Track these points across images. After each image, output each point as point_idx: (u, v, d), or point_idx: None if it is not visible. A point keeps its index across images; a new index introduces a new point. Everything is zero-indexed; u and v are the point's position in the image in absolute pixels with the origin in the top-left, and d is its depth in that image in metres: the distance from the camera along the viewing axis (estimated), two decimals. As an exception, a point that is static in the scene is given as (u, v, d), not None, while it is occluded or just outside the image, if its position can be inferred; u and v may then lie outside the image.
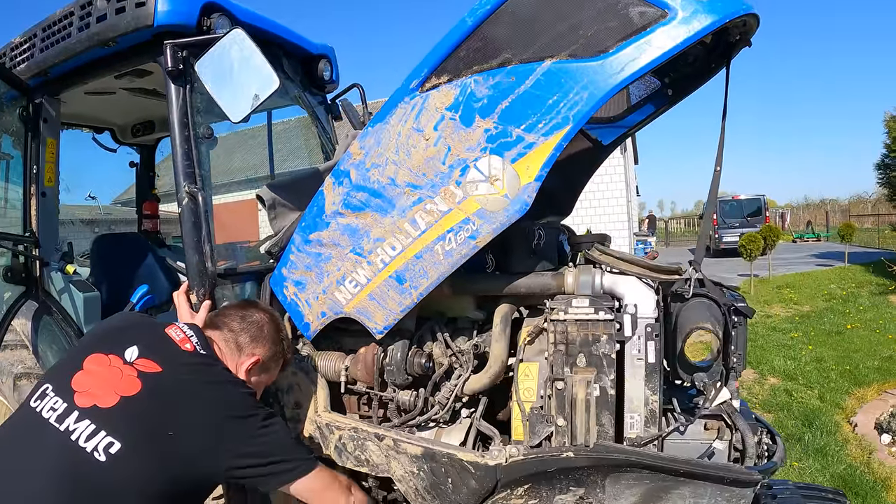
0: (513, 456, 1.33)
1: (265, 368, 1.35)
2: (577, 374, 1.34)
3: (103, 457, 1.03)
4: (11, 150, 2.04)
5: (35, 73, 1.84)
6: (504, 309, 1.47)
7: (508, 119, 1.27)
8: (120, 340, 1.19)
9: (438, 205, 1.31)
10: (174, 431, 1.09)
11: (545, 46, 1.25)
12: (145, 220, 2.63)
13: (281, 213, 1.63)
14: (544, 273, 1.45)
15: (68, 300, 1.85)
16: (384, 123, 1.39)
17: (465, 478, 1.35)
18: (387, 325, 1.40)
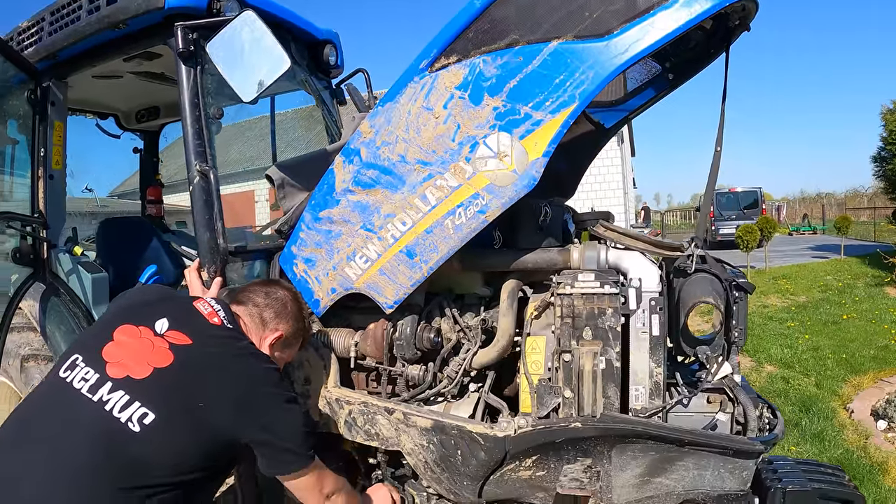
0: (521, 427, 1.37)
1: (287, 344, 1.38)
2: (584, 346, 1.38)
3: (137, 427, 1.06)
4: (17, 135, 2.06)
5: (43, 56, 1.85)
6: (511, 284, 1.50)
7: (516, 97, 1.30)
8: (149, 312, 1.21)
9: (448, 180, 1.35)
10: (204, 403, 1.12)
11: (552, 27, 1.29)
12: (149, 205, 2.65)
13: (289, 193, 1.66)
14: (551, 249, 1.49)
15: (76, 281, 1.87)
16: (394, 102, 1.42)
17: (475, 449, 1.39)
18: (397, 299, 1.43)
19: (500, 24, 1.33)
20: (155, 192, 2.64)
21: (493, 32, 1.34)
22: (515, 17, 1.33)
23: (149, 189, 2.67)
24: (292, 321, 1.36)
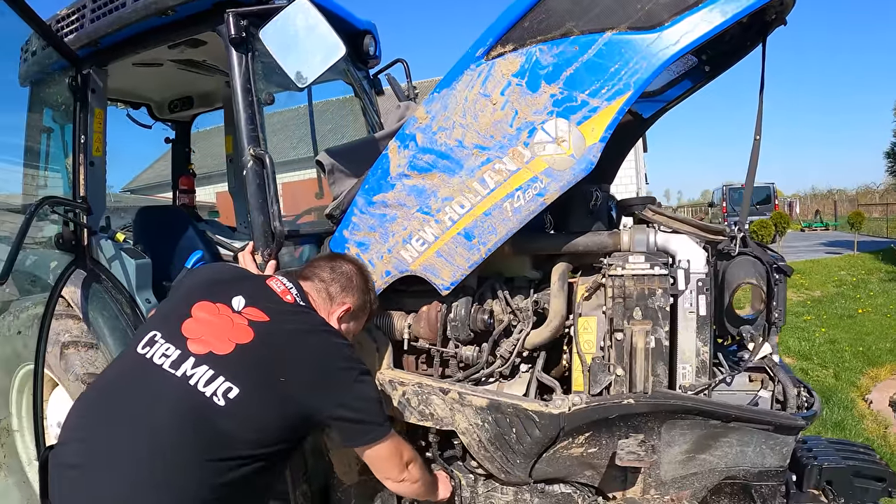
0: (576, 404, 1.48)
1: (355, 317, 1.45)
2: (636, 325, 1.49)
3: (222, 401, 1.11)
4: (57, 122, 2.14)
5: (84, 43, 1.93)
6: (561, 267, 1.61)
7: (573, 85, 1.41)
8: (225, 290, 1.28)
9: (507, 164, 1.45)
10: (285, 378, 1.18)
11: (605, 18, 1.40)
12: (181, 195, 2.73)
13: (339, 179, 1.76)
14: (601, 232, 1.60)
15: (119, 268, 1.96)
16: (450, 89, 1.52)
17: (530, 427, 1.50)
18: (454, 280, 1.53)
19: (555, 15, 1.44)
20: (187, 182, 2.72)
21: (548, 22, 1.44)
22: (569, 7, 1.43)
23: (181, 179, 2.76)
24: (359, 294, 1.43)
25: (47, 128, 2.09)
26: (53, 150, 2.09)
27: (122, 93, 2.53)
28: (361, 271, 1.48)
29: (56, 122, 2.11)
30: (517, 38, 1.46)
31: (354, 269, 1.46)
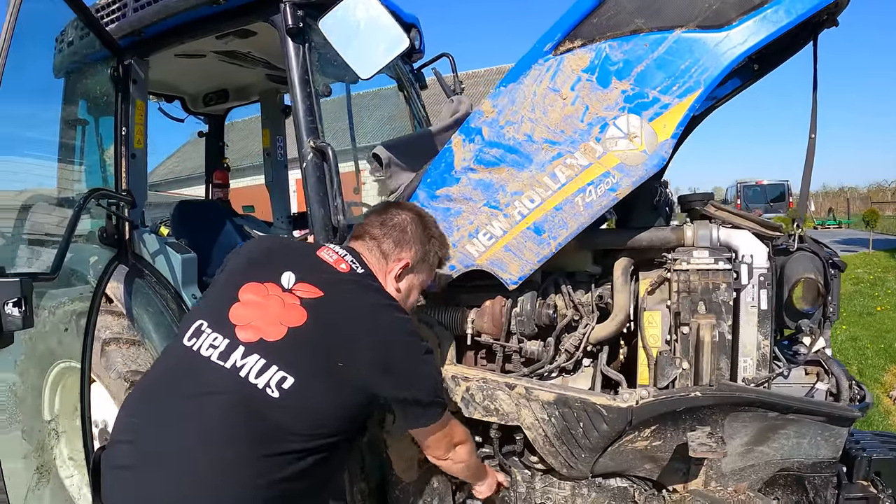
0: (643, 398, 1.56)
1: (417, 269, 1.36)
2: (701, 319, 1.58)
3: (276, 392, 1.05)
4: (87, 116, 2.17)
5: (127, 32, 1.96)
6: (624, 262, 1.69)
7: (644, 81, 1.48)
8: (272, 266, 1.19)
9: (578, 159, 1.52)
10: (343, 362, 1.11)
11: (674, 16, 1.47)
12: (215, 189, 2.78)
13: (395, 173, 1.82)
14: (664, 227, 1.68)
15: (163, 263, 2.00)
16: (517, 83, 1.59)
17: (597, 421, 1.58)
18: (522, 275, 1.61)
19: (624, 12, 1.51)
20: (222, 176, 2.77)
21: (616, 19, 1.51)
22: (638, 5, 1.50)
23: (215, 173, 2.80)
24: (416, 245, 1.33)
25: (82, 120, 2.12)
26: (88, 143, 2.13)
27: (157, 85, 2.56)
28: (419, 218, 1.38)
29: (91, 114, 2.14)
30: (585, 34, 1.53)
31: (409, 218, 1.35)
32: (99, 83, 2.05)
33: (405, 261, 1.33)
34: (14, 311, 1.44)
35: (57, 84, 2.11)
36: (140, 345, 2.01)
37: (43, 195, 1.99)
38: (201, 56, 2.19)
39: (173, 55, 2.11)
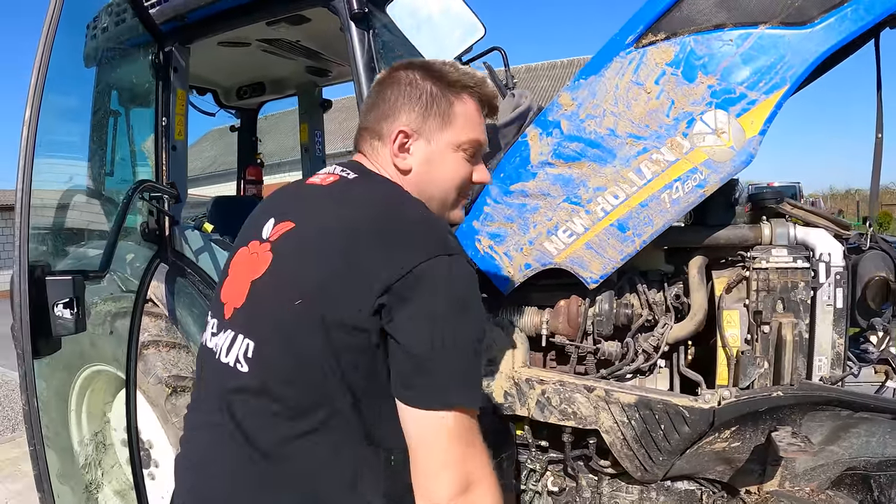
0: (725, 398, 1.54)
1: (423, 133, 0.94)
2: (782, 318, 1.57)
3: (245, 366, 0.84)
4: (119, 107, 2.06)
5: (170, 17, 1.87)
6: (699, 260, 1.67)
7: (730, 77, 1.46)
8: (258, 221, 0.95)
9: (665, 154, 1.50)
10: (301, 296, 0.81)
11: (757, 12, 1.46)
12: (248, 186, 2.67)
13: (461, 168, 1.77)
14: (742, 225, 1.67)
15: (208, 260, 1.90)
16: (598, 76, 1.55)
17: (679, 423, 1.55)
18: (603, 274, 1.57)
19: (707, 6, 1.50)
20: (255, 172, 2.67)
21: (700, 13, 1.50)
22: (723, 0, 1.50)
23: (248, 169, 2.69)
24: (409, 101, 0.93)
25: (115, 111, 2.01)
26: (125, 134, 2.01)
27: (190, 77, 2.45)
28: (411, 68, 0.98)
29: (126, 104, 2.03)
30: (668, 27, 1.51)
31: (402, 75, 0.96)
32: (136, 72, 1.94)
33: (398, 129, 0.93)
34: (65, 312, 1.34)
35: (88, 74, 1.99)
36: (182, 348, 1.92)
37: (77, 189, 1.87)
38: (245, 45, 2.11)
39: (215, 43, 2.02)
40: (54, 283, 1.31)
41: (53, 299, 1.31)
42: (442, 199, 0.99)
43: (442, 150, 0.95)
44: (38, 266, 1.33)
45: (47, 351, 1.34)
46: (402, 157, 0.95)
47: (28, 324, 1.29)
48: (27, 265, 1.30)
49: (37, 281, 1.31)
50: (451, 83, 0.96)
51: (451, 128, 0.95)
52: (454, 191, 1.00)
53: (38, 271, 1.33)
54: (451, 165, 0.97)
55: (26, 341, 1.29)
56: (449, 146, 0.96)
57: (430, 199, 0.97)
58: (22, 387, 1.32)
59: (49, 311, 1.32)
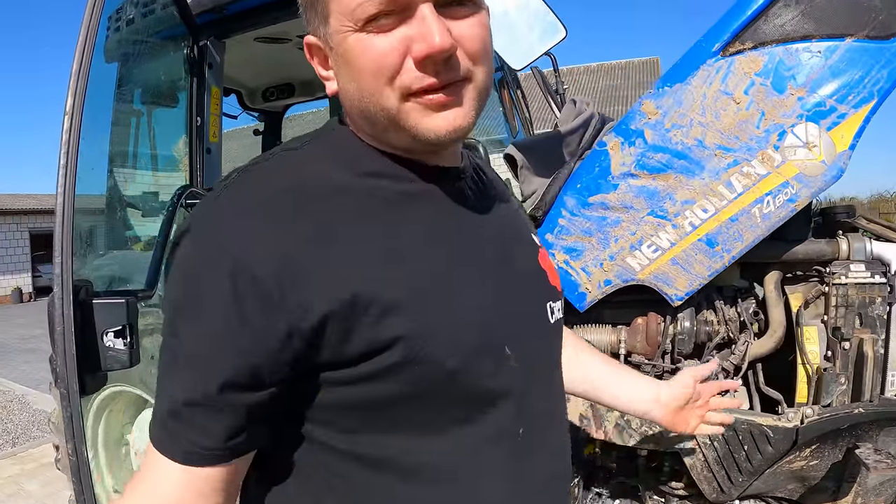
0: (808, 416, 1.51)
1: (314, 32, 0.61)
2: (862, 334, 1.56)
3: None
4: (141, 105, 1.87)
5: (206, 8, 1.72)
6: (775, 276, 1.65)
7: (820, 89, 1.44)
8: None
9: (756, 168, 1.46)
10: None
11: (844, 24, 1.45)
12: None
13: (528, 177, 1.69)
14: (819, 240, 1.65)
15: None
16: (685, 84, 1.50)
17: (762, 443, 1.52)
18: (689, 290, 1.52)
19: (794, 16, 1.47)
20: None
21: (787, 23, 1.48)
22: (807, 9, 1.47)
23: None
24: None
25: (137, 110, 1.83)
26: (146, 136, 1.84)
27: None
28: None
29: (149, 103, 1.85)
30: (755, 37, 1.48)
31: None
32: (165, 68, 1.77)
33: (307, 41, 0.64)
34: (117, 342, 1.18)
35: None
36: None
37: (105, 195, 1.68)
38: (284, 41, 1.96)
39: (251, 39, 1.87)
40: (104, 308, 1.15)
41: (103, 327, 1.15)
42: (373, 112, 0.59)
43: (337, 45, 0.58)
44: (82, 286, 1.17)
45: (93, 388, 1.18)
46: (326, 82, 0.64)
47: (74, 357, 1.12)
48: (71, 286, 1.13)
49: (82, 304, 1.15)
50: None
51: (329, 7, 0.57)
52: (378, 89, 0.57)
53: (83, 293, 1.16)
54: (352, 59, 0.57)
55: (72, 379, 1.13)
56: (338, 35, 0.58)
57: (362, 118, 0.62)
58: (68, 433, 1.15)
59: (97, 342, 1.15)
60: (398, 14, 0.54)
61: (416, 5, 0.54)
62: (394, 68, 0.55)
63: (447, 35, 0.54)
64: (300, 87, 2.47)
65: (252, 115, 2.57)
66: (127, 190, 1.76)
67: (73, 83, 1.16)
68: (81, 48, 1.17)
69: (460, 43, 0.56)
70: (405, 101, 0.57)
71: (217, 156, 1.79)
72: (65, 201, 1.15)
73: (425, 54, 0.54)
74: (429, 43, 0.53)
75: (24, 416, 5.33)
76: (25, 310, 15.70)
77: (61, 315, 1.11)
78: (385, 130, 0.60)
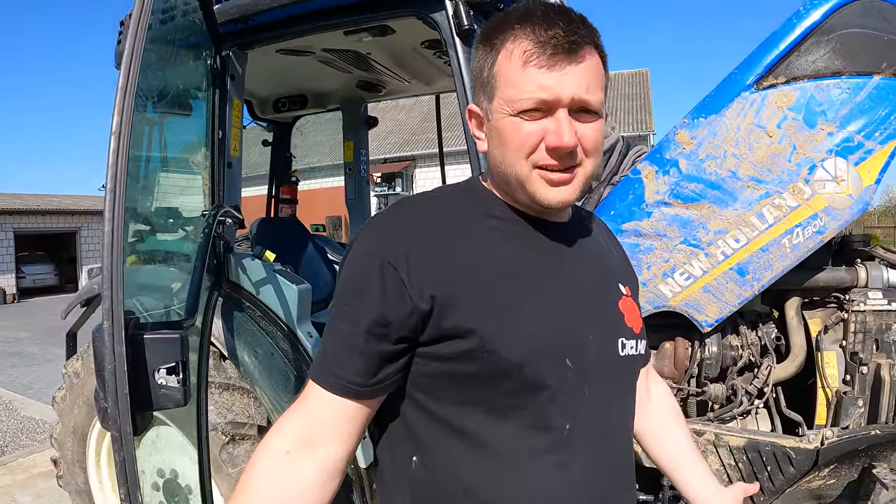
0: (828, 438, 1.62)
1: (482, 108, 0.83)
2: (880, 359, 1.67)
3: None
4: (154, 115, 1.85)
5: (232, 18, 1.71)
6: (796, 302, 1.74)
7: (849, 125, 1.53)
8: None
9: (787, 200, 1.54)
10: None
11: (871, 62, 1.54)
12: (283, 206, 2.48)
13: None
14: (839, 268, 1.75)
15: (271, 294, 1.76)
16: (719, 116, 1.58)
17: (784, 464, 1.61)
18: (719, 318, 1.60)
19: (824, 53, 1.56)
20: (290, 191, 2.48)
21: (818, 59, 1.56)
22: (837, 47, 1.56)
23: (283, 188, 2.50)
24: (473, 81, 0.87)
25: (152, 120, 1.80)
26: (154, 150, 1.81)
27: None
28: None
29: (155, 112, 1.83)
30: (787, 72, 1.56)
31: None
32: (182, 77, 1.75)
33: (468, 110, 0.87)
34: (170, 379, 1.19)
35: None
36: (236, 390, 1.77)
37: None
38: (307, 54, 1.95)
39: (273, 50, 1.86)
40: (156, 343, 1.15)
41: (155, 363, 1.15)
42: (509, 174, 0.80)
43: (495, 121, 0.79)
44: (130, 319, 1.17)
45: (143, 427, 1.18)
46: (478, 141, 0.86)
47: (127, 398, 1.12)
48: (122, 320, 1.13)
49: (132, 339, 1.15)
50: (488, 37, 0.80)
51: (495, 92, 0.78)
52: (517, 160, 0.78)
53: (132, 326, 1.16)
54: (504, 135, 0.78)
55: (125, 420, 1.12)
56: (497, 114, 0.78)
57: (499, 176, 0.83)
58: (120, 479, 1.14)
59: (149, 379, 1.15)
60: (543, 111, 0.76)
61: (556, 109, 0.76)
62: (532, 148, 0.77)
63: (574, 136, 0.75)
64: (313, 99, 2.46)
65: (261, 125, 2.56)
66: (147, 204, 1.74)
67: (120, 101, 1.15)
68: (128, 65, 1.17)
69: (581, 141, 0.77)
70: (533, 170, 0.78)
71: (237, 170, 1.78)
72: (114, 228, 1.13)
73: (555, 146, 0.76)
74: (559, 139, 0.75)
75: (11, 422, 5.12)
76: (9, 312, 15.30)
77: (112, 352, 1.11)
78: (514, 190, 0.82)
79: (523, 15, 0.77)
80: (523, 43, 0.75)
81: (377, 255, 0.76)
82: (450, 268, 0.76)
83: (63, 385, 2.12)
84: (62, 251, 21.17)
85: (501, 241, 0.81)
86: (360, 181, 2.57)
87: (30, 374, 7.39)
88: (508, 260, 0.80)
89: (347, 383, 0.76)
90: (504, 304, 0.76)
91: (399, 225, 0.80)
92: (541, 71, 0.74)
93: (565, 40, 0.74)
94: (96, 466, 2.14)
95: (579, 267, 0.87)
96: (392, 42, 1.84)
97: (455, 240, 0.79)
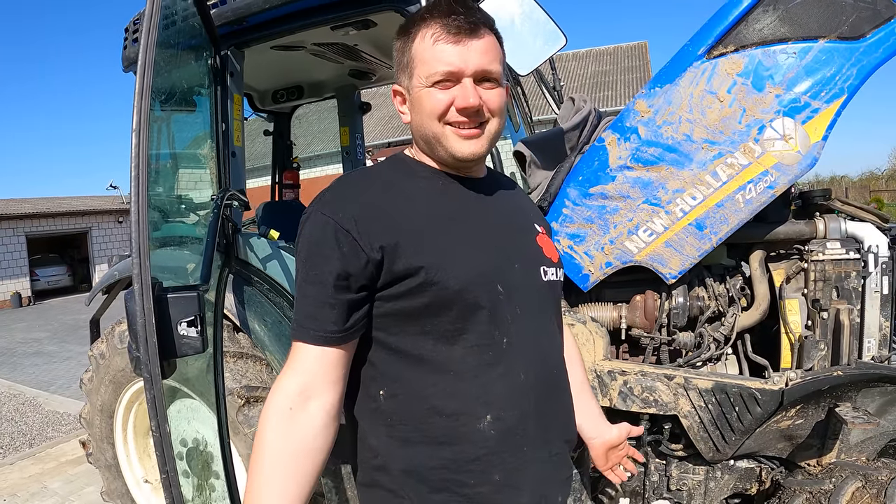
0: (792, 380, 1.85)
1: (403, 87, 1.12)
2: (839, 304, 1.89)
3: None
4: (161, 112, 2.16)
5: (228, 20, 2.00)
6: (760, 254, 1.97)
7: (795, 87, 1.75)
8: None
9: (738, 159, 1.78)
10: None
11: (816, 27, 1.76)
12: (286, 191, 2.79)
13: (534, 171, 2.00)
14: (798, 221, 1.98)
15: (277, 269, 2.06)
16: (673, 85, 1.82)
17: (751, 405, 1.85)
18: (682, 269, 1.84)
19: (771, 21, 1.78)
20: (292, 177, 2.79)
21: (764, 27, 1.79)
22: (783, 15, 1.78)
23: (286, 174, 2.81)
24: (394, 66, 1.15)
25: (159, 117, 2.11)
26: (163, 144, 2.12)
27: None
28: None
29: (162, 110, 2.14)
30: (736, 40, 1.79)
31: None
32: (186, 77, 2.05)
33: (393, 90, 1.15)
34: (191, 331, 1.48)
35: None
36: (248, 357, 2.07)
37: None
38: (299, 49, 2.24)
39: (268, 47, 2.15)
40: (178, 301, 1.45)
41: (178, 317, 1.45)
42: (428, 135, 1.07)
43: (415, 93, 1.06)
44: (155, 283, 1.47)
45: (169, 373, 1.47)
46: (402, 115, 1.13)
47: (155, 345, 1.42)
48: (150, 282, 1.43)
49: (158, 299, 1.45)
50: (404, 29, 1.09)
51: (413, 71, 1.05)
52: (433, 121, 1.04)
53: (157, 288, 1.46)
54: (422, 103, 1.05)
55: (154, 364, 1.42)
56: (416, 88, 1.05)
57: (422, 140, 1.10)
58: (151, 413, 1.43)
59: (172, 331, 1.45)
60: (452, 82, 1.02)
61: (462, 78, 1.02)
62: (444, 110, 1.03)
63: (478, 97, 1.02)
64: (309, 89, 2.75)
65: (261, 116, 2.86)
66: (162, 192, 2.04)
67: (138, 102, 1.46)
68: (143, 67, 1.46)
69: (486, 104, 1.03)
70: (446, 127, 1.04)
71: (241, 158, 2.07)
72: (139, 209, 1.44)
73: (463, 106, 1.02)
74: (465, 100, 1.01)
75: (37, 417, 5.75)
76: (25, 314, 16.25)
77: (142, 308, 1.41)
78: (434, 149, 1.08)
79: (431, 7, 1.04)
80: (433, 27, 1.01)
81: (329, 223, 0.97)
82: (391, 222, 0.98)
83: (90, 367, 2.44)
84: (74, 252, 22.18)
85: (430, 194, 1.06)
86: (358, 164, 2.88)
87: (50, 371, 7.96)
88: (438, 209, 1.05)
89: (326, 333, 0.97)
90: (440, 244, 1.00)
91: (343, 195, 1.02)
92: (448, 47, 0.99)
93: (466, 22, 0.99)
94: (123, 441, 2.44)
95: (498, 211, 1.14)
96: (376, 34, 2.11)
97: (392, 200, 1.02)
